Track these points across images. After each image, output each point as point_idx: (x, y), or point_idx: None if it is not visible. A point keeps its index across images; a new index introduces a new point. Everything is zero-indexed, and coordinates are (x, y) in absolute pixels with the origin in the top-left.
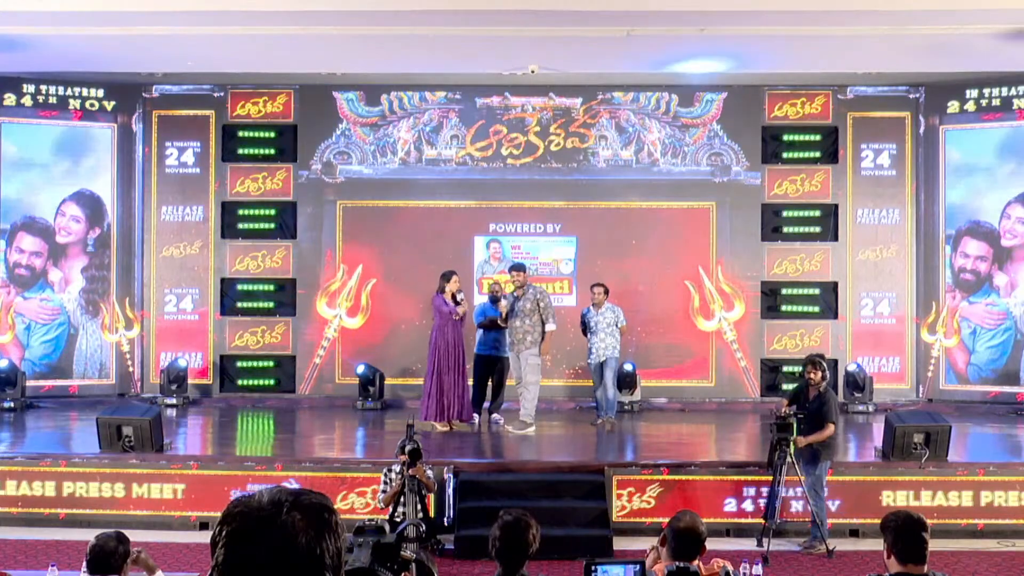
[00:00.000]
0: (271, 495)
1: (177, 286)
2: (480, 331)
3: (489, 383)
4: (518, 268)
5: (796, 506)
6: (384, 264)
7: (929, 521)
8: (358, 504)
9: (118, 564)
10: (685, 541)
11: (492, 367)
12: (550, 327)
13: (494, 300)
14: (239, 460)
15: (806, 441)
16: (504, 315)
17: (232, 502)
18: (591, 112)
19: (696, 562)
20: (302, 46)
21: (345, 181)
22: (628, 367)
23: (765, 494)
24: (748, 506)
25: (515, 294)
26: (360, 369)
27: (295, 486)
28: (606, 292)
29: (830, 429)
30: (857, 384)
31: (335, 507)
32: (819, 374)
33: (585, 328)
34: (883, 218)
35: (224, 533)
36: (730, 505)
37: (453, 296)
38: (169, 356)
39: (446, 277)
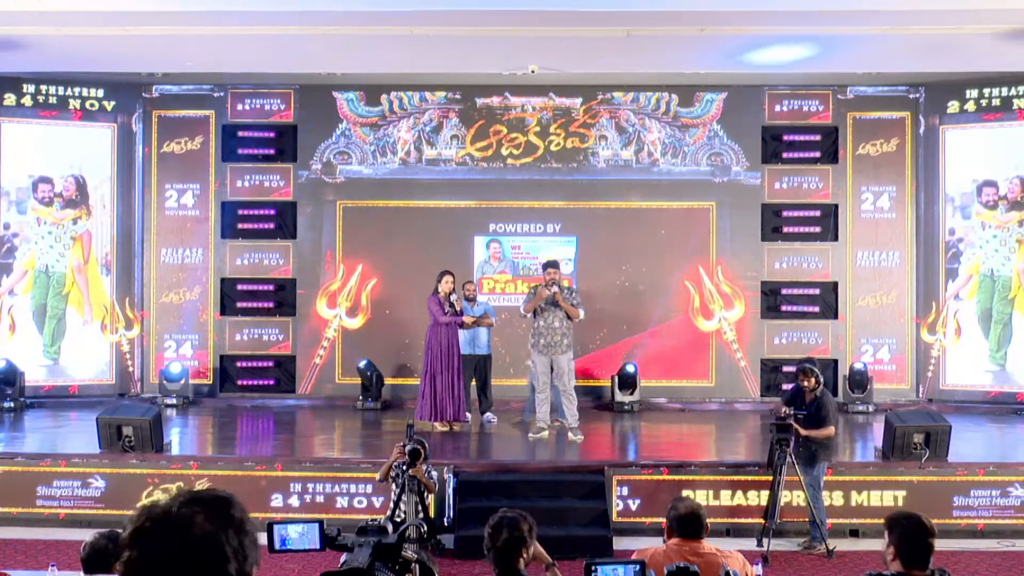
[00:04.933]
0: (173, 496)
1: (177, 286)
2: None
3: (473, 383)
4: (553, 265)
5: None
6: (384, 264)
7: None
8: (357, 504)
9: (113, 563)
10: (689, 524)
11: (470, 366)
12: (582, 314)
13: (468, 299)
14: (239, 460)
15: (808, 433)
16: (531, 311)
17: (138, 512)
18: (591, 112)
19: (702, 541)
20: (302, 46)
21: (345, 181)
22: (629, 368)
23: (765, 494)
24: (748, 506)
25: (552, 291)
26: (361, 364)
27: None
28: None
29: (831, 430)
30: (857, 384)
31: (238, 502)
32: (812, 380)
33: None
34: (883, 218)
35: (129, 536)
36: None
37: (448, 297)
38: (168, 356)
39: (439, 278)
